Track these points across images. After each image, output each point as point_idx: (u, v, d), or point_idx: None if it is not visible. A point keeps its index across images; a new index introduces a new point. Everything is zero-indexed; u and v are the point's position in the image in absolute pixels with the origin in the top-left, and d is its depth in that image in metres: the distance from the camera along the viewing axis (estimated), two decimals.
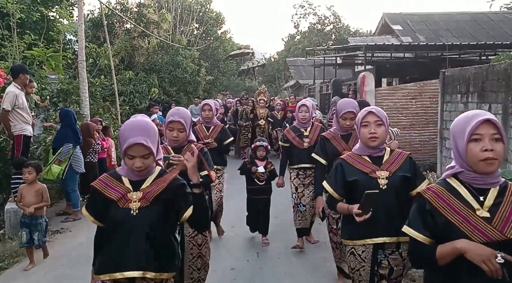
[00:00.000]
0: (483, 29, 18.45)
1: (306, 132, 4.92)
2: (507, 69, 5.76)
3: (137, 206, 2.15)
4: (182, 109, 3.27)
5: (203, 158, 3.05)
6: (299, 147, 4.85)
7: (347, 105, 3.83)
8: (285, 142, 5.02)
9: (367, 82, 10.70)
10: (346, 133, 3.87)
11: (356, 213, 2.40)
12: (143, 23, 16.23)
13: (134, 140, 2.07)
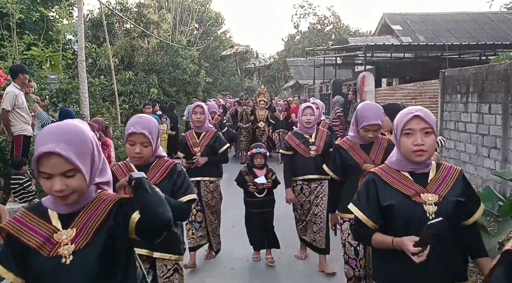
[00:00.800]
0: (483, 29, 18.45)
1: (311, 138, 4.35)
2: (507, 69, 5.75)
3: (70, 250, 1.52)
4: (146, 117, 2.53)
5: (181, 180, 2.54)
6: (304, 156, 4.29)
7: (371, 115, 3.04)
8: (287, 149, 4.44)
9: (367, 82, 10.70)
10: (367, 143, 3.19)
11: (413, 251, 1.78)
12: (143, 23, 16.25)
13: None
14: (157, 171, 2.50)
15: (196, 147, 4.55)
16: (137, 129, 2.40)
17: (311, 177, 4.29)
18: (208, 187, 4.62)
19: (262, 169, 4.68)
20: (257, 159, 4.66)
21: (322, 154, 4.26)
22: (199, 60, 19.32)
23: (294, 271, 4.52)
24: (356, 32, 37.80)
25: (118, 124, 11.23)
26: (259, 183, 4.56)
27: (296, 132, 4.47)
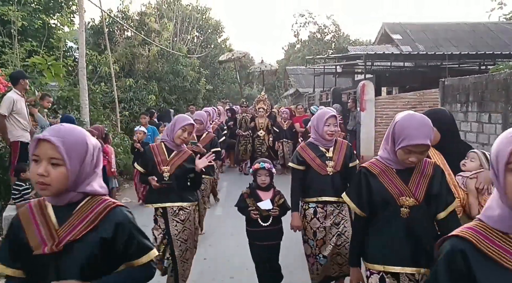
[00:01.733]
0: (482, 39, 18.55)
1: (328, 153, 3.61)
2: (506, 79, 5.77)
3: None
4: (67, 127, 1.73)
5: None
6: (319, 173, 3.55)
7: (417, 133, 2.18)
8: (299, 164, 3.64)
9: (367, 91, 10.72)
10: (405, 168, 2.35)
11: None
12: (144, 31, 16.33)
13: None
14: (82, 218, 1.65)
15: None
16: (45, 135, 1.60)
17: (327, 199, 3.52)
18: (178, 215, 3.74)
19: (267, 191, 3.80)
20: (260, 176, 3.75)
21: (341, 171, 3.58)
22: (199, 68, 19.39)
23: (294, 281, 4.49)
24: (356, 41, 38.02)
25: (118, 131, 11.25)
26: (264, 208, 3.68)
27: (311, 144, 3.69)
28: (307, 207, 3.62)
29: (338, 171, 3.55)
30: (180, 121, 3.84)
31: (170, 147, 3.84)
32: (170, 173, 3.74)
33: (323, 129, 3.57)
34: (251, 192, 3.81)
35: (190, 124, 3.86)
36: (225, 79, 27.31)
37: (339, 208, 3.56)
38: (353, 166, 3.70)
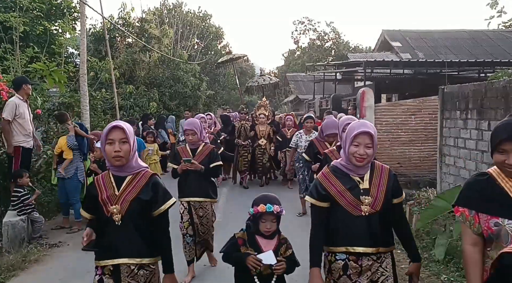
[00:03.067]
0: (481, 46, 18.65)
1: (363, 183, 2.52)
2: (505, 86, 5.80)
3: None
4: None
5: None
6: (352, 213, 2.49)
7: None
8: (322, 199, 2.55)
9: (366, 98, 10.75)
10: None
11: None
12: (144, 38, 16.40)
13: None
14: None
15: None
16: None
17: (362, 249, 2.49)
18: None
19: (271, 239, 2.77)
20: (265, 222, 2.71)
21: (381, 210, 2.50)
22: (200, 74, 19.45)
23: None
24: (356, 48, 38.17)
25: None
26: (265, 263, 2.63)
27: (337, 169, 2.59)
28: (333, 259, 2.57)
29: (378, 211, 2.49)
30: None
31: (117, 174, 2.58)
32: (122, 214, 2.50)
33: (350, 151, 2.50)
34: (249, 238, 2.77)
35: (186, 129, 4.62)
36: (225, 85, 27.40)
37: (379, 261, 2.54)
38: (398, 202, 2.61)
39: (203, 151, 4.54)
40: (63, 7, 12.60)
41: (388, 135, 10.26)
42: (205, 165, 4.44)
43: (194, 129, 4.47)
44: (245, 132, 10.04)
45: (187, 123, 4.57)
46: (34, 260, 5.18)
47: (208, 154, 4.52)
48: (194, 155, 4.49)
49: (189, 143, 4.58)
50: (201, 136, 4.57)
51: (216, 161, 4.57)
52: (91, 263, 2.43)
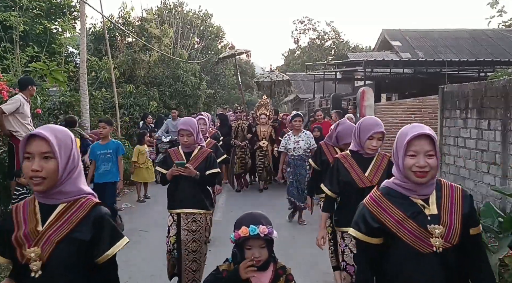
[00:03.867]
0: (481, 46, 18.64)
1: (429, 206, 1.89)
2: (505, 86, 5.81)
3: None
4: None
5: None
6: (419, 249, 1.83)
7: None
8: (374, 234, 1.93)
9: (366, 97, 10.76)
10: None
11: None
12: (144, 37, 16.39)
13: None
14: None
15: None
16: None
17: None
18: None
19: (263, 270, 2.18)
20: (251, 249, 2.15)
21: (458, 245, 1.84)
22: (200, 74, 19.46)
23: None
24: (356, 47, 38.17)
25: (119, 136, 11.26)
26: None
27: (391, 191, 1.96)
28: None
29: (454, 245, 1.83)
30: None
31: (44, 202, 1.81)
32: (43, 261, 1.70)
33: (404, 163, 1.88)
34: (234, 270, 2.15)
35: (180, 129, 4.08)
36: (225, 85, 27.41)
37: None
38: (475, 233, 1.91)
39: (199, 155, 3.94)
40: (63, 6, 12.62)
41: (388, 135, 10.23)
42: (201, 172, 3.83)
43: (191, 129, 3.85)
44: (242, 132, 9.41)
45: (182, 123, 3.95)
46: None
47: (204, 158, 3.92)
48: (188, 160, 3.88)
49: (183, 145, 3.96)
50: (198, 139, 3.98)
51: (213, 167, 3.94)
52: None
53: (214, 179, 4.06)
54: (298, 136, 6.77)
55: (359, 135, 3.15)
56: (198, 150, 3.99)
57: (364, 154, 3.20)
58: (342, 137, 4.02)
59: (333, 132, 4.21)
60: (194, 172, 3.72)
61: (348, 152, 3.31)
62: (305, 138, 6.73)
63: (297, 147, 6.70)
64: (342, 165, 3.24)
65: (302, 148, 6.68)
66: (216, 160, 4.11)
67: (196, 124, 4.00)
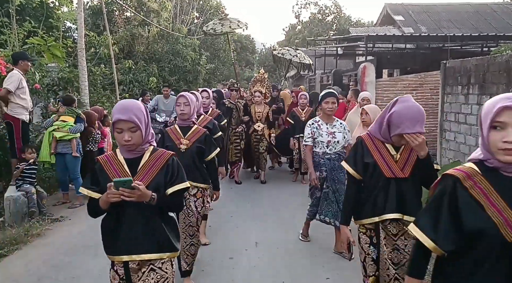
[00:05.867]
0: (486, 20, 18.36)
1: None
2: (508, 61, 5.73)
3: None
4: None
5: None
6: None
7: None
8: None
9: (367, 73, 10.67)
10: None
11: None
12: (143, 12, 16.14)
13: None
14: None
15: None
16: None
17: None
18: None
19: None
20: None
21: None
22: (200, 49, 19.25)
23: (293, 261, 4.55)
24: (358, 22, 37.62)
25: None
26: None
27: None
28: None
29: None
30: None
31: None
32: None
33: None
34: None
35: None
36: (225, 61, 27.13)
37: None
38: None
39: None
40: None
41: None
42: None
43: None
44: (238, 113, 8.04)
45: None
46: (36, 234, 5.25)
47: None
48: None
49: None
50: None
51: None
52: (92, 237, 2.45)
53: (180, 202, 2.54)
54: (332, 126, 4.65)
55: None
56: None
57: None
58: (397, 124, 2.49)
59: (383, 116, 2.62)
60: (148, 194, 2.19)
61: None
62: (341, 129, 4.65)
63: (332, 140, 4.57)
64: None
65: (340, 143, 4.59)
66: (213, 141, 3.93)
67: (193, 98, 3.86)
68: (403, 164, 2.60)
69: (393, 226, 2.64)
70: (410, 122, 2.41)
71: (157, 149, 2.44)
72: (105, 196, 2.17)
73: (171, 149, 3.39)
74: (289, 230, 5.46)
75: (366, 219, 2.68)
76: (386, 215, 2.60)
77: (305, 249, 4.83)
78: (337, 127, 4.65)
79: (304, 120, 7.33)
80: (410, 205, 2.57)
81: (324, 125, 4.64)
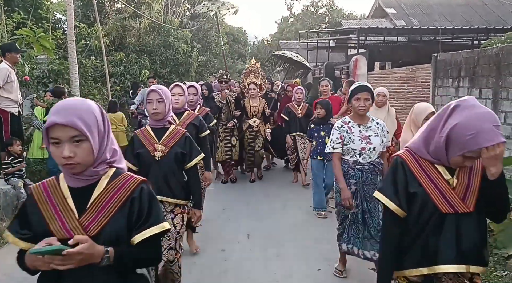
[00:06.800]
0: (476, 13, 18.45)
1: None
2: (498, 54, 5.78)
3: None
4: None
5: None
6: None
7: None
8: None
9: (359, 66, 10.70)
10: None
11: None
12: (134, 3, 15.98)
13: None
14: None
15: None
16: None
17: None
18: None
19: None
20: None
21: None
22: (192, 41, 19.13)
23: (284, 252, 4.58)
24: (350, 15, 37.61)
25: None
26: None
27: None
28: None
29: None
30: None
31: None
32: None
33: None
34: None
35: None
36: (217, 53, 27.02)
37: None
38: None
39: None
40: None
41: None
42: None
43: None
44: (229, 108, 7.27)
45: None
46: None
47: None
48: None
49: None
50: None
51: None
52: None
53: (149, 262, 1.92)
54: (366, 127, 3.64)
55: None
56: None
57: None
58: (465, 142, 1.75)
59: (433, 129, 1.89)
60: (98, 254, 1.50)
61: None
62: (379, 132, 3.63)
63: (367, 147, 3.58)
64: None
65: (377, 149, 3.59)
66: (195, 144, 3.25)
67: (168, 92, 3.18)
68: (463, 192, 1.85)
69: (451, 281, 1.89)
70: (488, 134, 1.67)
71: (121, 172, 1.65)
72: (30, 260, 1.49)
73: (143, 157, 3.09)
74: (281, 221, 5.50)
75: (411, 269, 1.91)
76: (441, 266, 1.85)
77: (297, 241, 4.86)
78: (372, 129, 3.62)
79: (300, 117, 6.99)
80: (475, 250, 1.84)
81: (356, 127, 3.64)
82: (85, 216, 1.53)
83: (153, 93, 3.06)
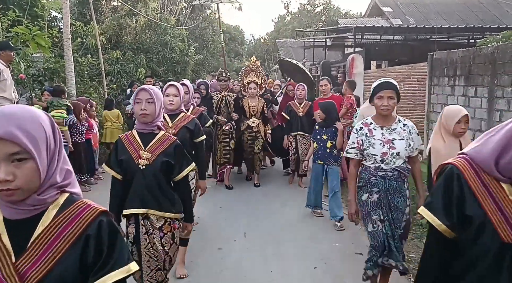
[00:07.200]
0: (472, 12, 18.50)
1: None
2: (493, 52, 5.80)
3: None
4: None
5: None
6: None
7: None
8: None
9: (356, 65, 10.72)
10: None
11: None
12: (130, 1, 15.93)
13: None
14: None
15: None
16: None
17: None
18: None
19: None
20: None
21: None
22: (188, 40, 19.11)
23: (282, 251, 4.59)
24: (347, 13, 37.66)
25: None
26: None
27: None
28: None
29: None
30: None
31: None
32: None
33: None
34: None
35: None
36: (214, 52, 26.98)
37: None
38: None
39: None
40: None
41: None
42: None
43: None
44: (227, 108, 6.89)
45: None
46: None
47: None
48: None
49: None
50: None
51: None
52: None
53: None
54: (390, 130, 3.22)
55: None
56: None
57: None
58: None
59: (492, 138, 1.48)
60: None
61: None
62: (405, 135, 3.20)
63: (390, 152, 3.17)
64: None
65: (401, 155, 3.17)
66: (186, 154, 2.93)
67: (160, 94, 2.84)
68: None
69: None
70: None
71: (76, 198, 1.26)
72: None
73: (126, 165, 2.72)
74: (278, 220, 5.51)
75: None
76: None
77: (293, 239, 4.87)
78: (397, 132, 3.19)
79: (302, 115, 6.81)
80: None
81: (378, 130, 3.21)
82: (24, 259, 1.14)
83: (143, 92, 2.71)
